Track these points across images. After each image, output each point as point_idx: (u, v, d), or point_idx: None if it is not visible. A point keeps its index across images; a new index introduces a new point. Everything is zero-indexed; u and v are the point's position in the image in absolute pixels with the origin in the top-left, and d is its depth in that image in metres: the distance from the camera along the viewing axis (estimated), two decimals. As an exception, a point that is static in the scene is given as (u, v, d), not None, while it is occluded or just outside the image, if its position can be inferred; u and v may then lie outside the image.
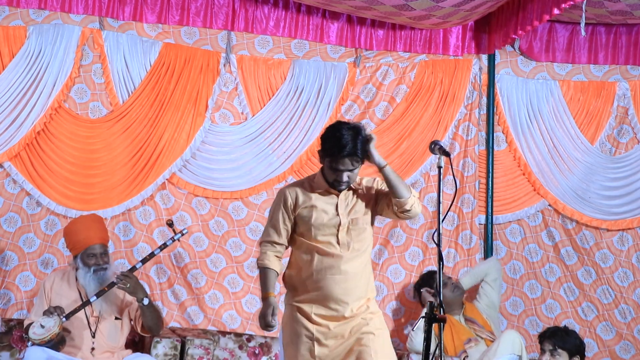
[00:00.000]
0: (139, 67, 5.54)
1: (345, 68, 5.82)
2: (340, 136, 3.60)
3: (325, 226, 3.71)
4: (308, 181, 3.83)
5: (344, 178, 3.66)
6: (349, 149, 3.58)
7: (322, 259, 3.70)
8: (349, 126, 3.66)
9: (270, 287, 3.78)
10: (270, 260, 3.81)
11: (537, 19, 5.09)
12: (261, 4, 5.72)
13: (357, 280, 3.70)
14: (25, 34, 5.36)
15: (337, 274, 3.68)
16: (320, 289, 3.70)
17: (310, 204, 3.73)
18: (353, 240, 3.72)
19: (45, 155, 5.37)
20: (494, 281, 5.55)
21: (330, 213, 3.72)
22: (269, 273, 3.80)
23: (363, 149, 3.62)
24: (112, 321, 4.67)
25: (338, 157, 3.61)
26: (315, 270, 3.70)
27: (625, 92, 5.99)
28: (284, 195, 3.79)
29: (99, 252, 4.64)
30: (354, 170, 3.66)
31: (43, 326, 4.38)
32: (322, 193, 3.75)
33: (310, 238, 3.74)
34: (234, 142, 5.66)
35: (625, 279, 5.88)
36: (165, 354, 4.91)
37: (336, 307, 3.68)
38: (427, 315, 3.45)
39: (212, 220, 5.63)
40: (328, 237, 3.71)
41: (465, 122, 5.91)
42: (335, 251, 3.69)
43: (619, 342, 5.84)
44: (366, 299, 3.74)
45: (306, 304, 3.73)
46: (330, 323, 3.69)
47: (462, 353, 5.09)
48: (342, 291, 3.68)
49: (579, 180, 5.92)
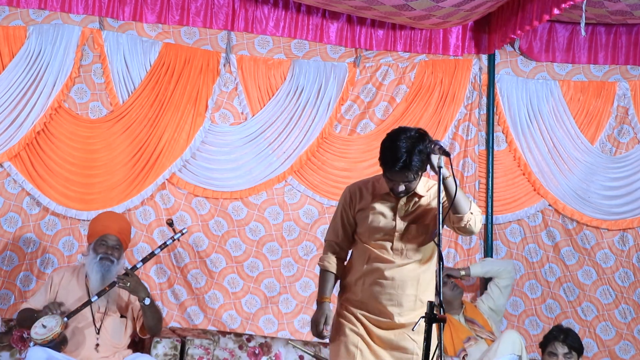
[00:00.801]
0: (139, 67, 5.54)
1: (345, 68, 5.82)
2: (395, 148, 3.45)
3: (381, 230, 3.62)
4: (373, 181, 3.73)
5: (399, 188, 3.54)
6: (402, 163, 3.42)
7: (373, 263, 3.63)
8: (408, 135, 3.47)
9: (327, 292, 3.70)
10: (329, 262, 3.73)
11: (537, 19, 5.09)
12: (261, 4, 5.72)
13: (406, 288, 3.60)
14: (25, 34, 5.36)
15: (384, 279, 3.61)
16: (366, 292, 3.64)
17: (369, 205, 3.65)
18: (408, 247, 3.62)
19: (45, 155, 5.38)
20: (505, 287, 5.52)
21: (388, 217, 3.62)
22: (327, 276, 3.72)
23: (421, 160, 3.44)
24: (117, 318, 4.67)
25: (392, 169, 3.47)
26: (365, 272, 3.65)
27: (625, 92, 5.99)
28: (346, 194, 3.73)
29: (112, 243, 4.63)
30: (412, 181, 3.52)
31: (45, 326, 4.38)
32: (383, 196, 3.65)
33: (366, 240, 3.67)
34: (234, 142, 5.66)
35: (626, 279, 5.89)
36: (165, 354, 4.91)
37: (383, 313, 3.62)
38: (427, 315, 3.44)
39: (212, 220, 5.63)
40: (382, 242, 3.63)
41: (465, 122, 5.91)
42: (388, 256, 3.62)
43: (619, 342, 5.84)
44: (419, 311, 3.56)
45: (355, 304, 3.68)
46: (379, 331, 3.61)
47: (461, 352, 5.08)
48: (387, 298, 3.61)
49: (579, 180, 5.92)
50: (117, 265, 4.62)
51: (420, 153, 3.43)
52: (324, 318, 3.64)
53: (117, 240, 4.67)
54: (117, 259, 4.63)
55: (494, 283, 5.54)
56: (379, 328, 3.63)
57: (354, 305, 3.68)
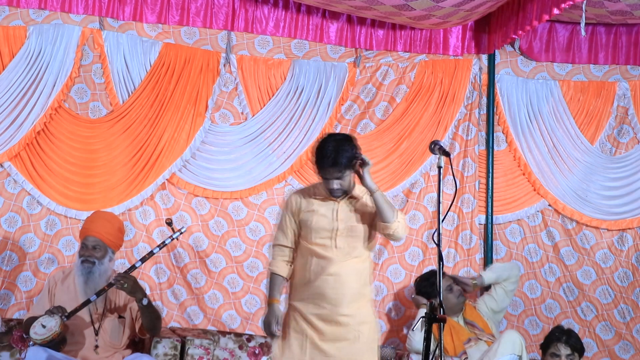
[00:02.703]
0: (139, 67, 5.54)
1: (345, 68, 5.82)
2: (323, 147, 3.86)
3: (324, 230, 3.93)
4: (312, 188, 4.07)
5: (334, 186, 3.88)
6: (331, 159, 3.80)
7: (318, 261, 3.93)
8: (335, 138, 3.93)
9: (276, 293, 4.00)
10: (277, 265, 4.03)
11: (536, 19, 5.09)
12: (261, 4, 5.72)
13: (350, 282, 3.90)
14: (25, 34, 5.36)
15: (329, 275, 3.89)
16: (314, 289, 3.92)
17: (311, 208, 3.97)
18: (349, 245, 3.94)
19: (45, 155, 5.38)
20: (511, 291, 5.49)
21: (329, 218, 3.94)
22: (275, 279, 4.03)
23: (347, 158, 3.82)
24: (115, 319, 4.67)
25: (324, 167, 3.86)
26: (312, 271, 3.94)
27: (625, 92, 6.00)
28: (289, 201, 4.06)
29: (91, 244, 4.63)
30: (343, 177, 3.87)
31: (44, 326, 4.38)
32: (324, 199, 3.98)
33: (310, 241, 3.97)
34: (234, 142, 5.66)
35: (625, 279, 5.89)
36: (165, 354, 4.91)
37: (329, 307, 3.89)
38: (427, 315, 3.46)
39: (212, 220, 5.63)
40: (325, 241, 3.94)
41: (465, 122, 5.91)
42: (330, 254, 3.92)
43: (619, 342, 5.84)
44: (361, 302, 3.94)
45: (302, 303, 3.95)
46: (324, 325, 3.90)
47: (462, 354, 5.08)
48: (333, 292, 3.89)
49: (578, 180, 5.92)
50: (100, 265, 4.62)
51: (346, 152, 3.83)
52: (275, 319, 3.93)
53: (97, 241, 4.64)
54: (98, 259, 4.62)
55: (500, 286, 5.48)
56: (324, 322, 3.90)
57: (302, 303, 3.95)
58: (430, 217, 5.83)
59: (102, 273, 4.61)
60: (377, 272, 5.72)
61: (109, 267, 4.67)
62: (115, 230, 4.76)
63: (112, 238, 4.72)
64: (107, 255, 4.67)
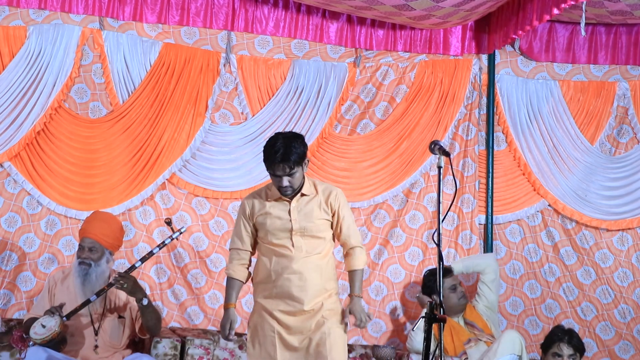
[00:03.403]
0: (139, 67, 5.54)
1: (345, 68, 5.82)
2: (273, 144, 3.89)
3: (279, 230, 4.00)
4: (265, 190, 4.11)
5: (283, 183, 3.92)
6: (280, 154, 3.85)
7: (279, 260, 4.00)
8: (284, 135, 3.95)
9: (233, 298, 4.07)
10: (234, 269, 4.11)
11: (537, 19, 5.09)
12: (261, 4, 5.72)
13: (312, 279, 3.97)
14: (25, 34, 5.36)
15: (292, 273, 3.97)
16: (278, 288, 4.00)
17: (265, 211, 4.04)
18: (307, 243, 4.00)
19: (45, 155, 5.38)
20: (491, 282, 5.49)
21: (283, 218, 4.00)
22: (232, 283, 4.10)
23: (297, 154, 3.87)
24: (115, 319, 4.67)
25: (273, 163, 3.89)
26: (273, 270, 4.00)
27: (625, 92, 6.00)
28: (243, 205, 4.11)
29: (87, 246, 4.64)
30: (293, 174, 3.91)
31: (44, 326, 4.38)
32: (277, 200, 4.04)
33: (268, 241, 4.04)
34: (234, 142, 5.67)
35: (625, 279, 5.89)
36: (165, 354, 4.91)
37: (294, 304, 3.97)
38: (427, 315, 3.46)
39: (212, 220, 5.63)
40: (283, 240, 4.00)
41: (465, 122, 5.91)
42: (289, 253, 3.99)
43: (619, 342, 5.84)
44: (324, 296, 4.01)
45: (268, 300, 4.02)
46: (290, 318, 3.97)
47: (462, 354, 5.08)
48: (298, 289, 3.96)
49: (578, 180, 5.92)
50: (96, 267, 4.63)
51: (296, 148, 3.88)
52: (229, 323, 4.00)
53: (93, 242, 4.65)
54: (94, 261, 4.63)
55: (480, 281, 5.51)
56: (291, 316, 3.98)
57: (267, 300, 4.03)
58: (430, 217, 5.83)
59: (98, 275, 4.62)
60: (377, 272, 5.72)
61: (106, 269, 4.67)
62: (112, 231, 4.75)
63: (109, 239, 4.71)
64: (104, 257, 4.67)
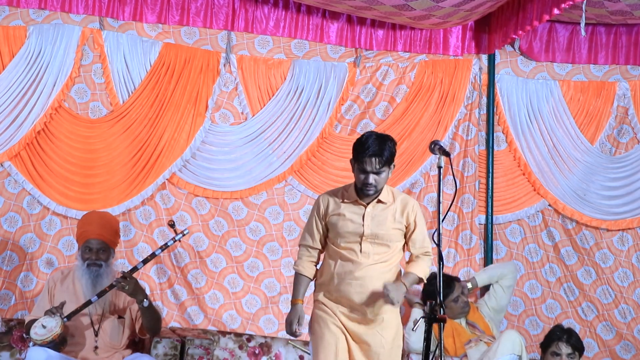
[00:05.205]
0: (139, 67, 5.54)
1: (345, 68, 5.82)
2: (366, 140, 3.87)
3: (350, 234, 3.96)
4: (342, 191, 4.09)
5: (369, 179, 3.88)
6: (372, 149, 3.82)
7: (343, 264, 3.96)
8: (377, 134, 3.93)
9: (300, 294, 4.06)
10: (303, 265, 4.10)
11: (537, 19, 5.09)
12: (261, 4, 5.72)
13: (374, 287, 3.92)
14: (25, 34, 5.36)
15: (354, 279, 3.93)
16: (339, 292, 3.97)
17: (339, 211, 4.01)
18: (375, 250, 3.96)
19: (45, 155, 5.38)
20: (508, 287, 5.50)
21: (356, 222, 3.96)
22: (300, 279, 4.09)
23: (389, 152, 3.85)
24: (115, 320, 4.67)
25: (364, 157, 3.84)
26: (336, 273, 3.97)
27: (625, 92, 6.00)
28: (319, 202, 4.10)
29: (96, 247, 4.64)
30: (380, 173, 3.88)
31: (44, 326, 4.38)
32: (353, 203, 4.01)
33: (336, 244, 4.01)
34: (234, 142, 5.66)
35: (625, 279, 5.89)
36: (165, 354, 4.91)
37: (355, 311, 3.96)
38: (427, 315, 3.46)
39: (212, 220, 5.63)
40: (352, 244, 3.96)
41: (465, 122, 5.91)
42: (356, 258, 3.94)
43: (619, 342, 5.84)
44: (385, 307, 3.93)
45: (331, 302, 4.01)
46: (352, 325, 3.96)
47: (463, 356, 5.08)
48: (358, 296, 3.94)
49: (578, 180, 5.92)
50: (106, 267, 4.64)
51: (389, 146, 3.87)
52: (296, 318, 3.98)
53: (101, 243, 4.65)
54: (105, 261, 4.64)
55: (497, 284, 5.51)
56: (352, 322, 3.96)
57: (330, 301, 4.01)
58: (430, 217, 5.83)
59: (108, 274, 4.63)
60: (377, 272, 5.72)
61: (114, 267, 4.70)
62: (114, 230, 4.80)
63: (113, 238, 4.75)
64: (111, 256, 4.70)
